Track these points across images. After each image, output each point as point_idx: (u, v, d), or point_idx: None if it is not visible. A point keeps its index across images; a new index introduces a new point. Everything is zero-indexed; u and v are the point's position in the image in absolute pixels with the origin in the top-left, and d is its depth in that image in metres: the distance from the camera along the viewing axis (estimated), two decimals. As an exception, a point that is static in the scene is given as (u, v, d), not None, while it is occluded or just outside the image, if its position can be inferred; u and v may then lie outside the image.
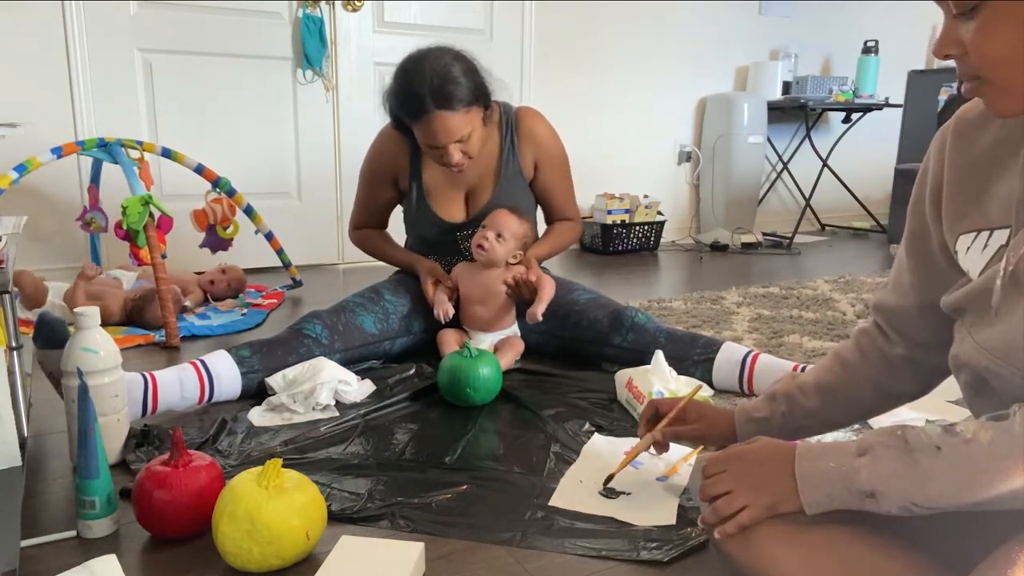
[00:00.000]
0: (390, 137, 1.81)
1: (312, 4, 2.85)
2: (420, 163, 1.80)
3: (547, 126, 1.86)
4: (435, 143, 1.65)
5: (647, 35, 3.68)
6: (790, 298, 2.53)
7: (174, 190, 2.68)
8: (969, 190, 0.80)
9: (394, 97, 1.67)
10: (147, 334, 2.00)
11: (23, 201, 2.48)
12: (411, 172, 1.81)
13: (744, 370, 1.59)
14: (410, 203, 1.84)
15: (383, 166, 1.84)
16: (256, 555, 0.91)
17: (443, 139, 1.64)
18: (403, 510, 1.09)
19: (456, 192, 1.82)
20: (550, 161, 1.86)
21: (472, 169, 1.79)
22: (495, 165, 1.81)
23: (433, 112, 1.60)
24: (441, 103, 1.60)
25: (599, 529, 1.06)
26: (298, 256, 2.81)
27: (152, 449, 1.25)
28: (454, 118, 1.62)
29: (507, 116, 1.82)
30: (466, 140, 1.66)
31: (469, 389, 1.48)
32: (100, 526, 1.02)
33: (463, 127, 1.64)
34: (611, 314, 1.74)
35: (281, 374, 1.50)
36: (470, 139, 1.67)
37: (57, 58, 2.51)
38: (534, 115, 1.85)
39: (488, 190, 1.81)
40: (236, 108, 2.82)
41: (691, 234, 3.97)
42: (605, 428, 1.41)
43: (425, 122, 1.62)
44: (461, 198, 1.83)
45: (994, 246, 0.76)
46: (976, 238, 0.78)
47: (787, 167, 4.04)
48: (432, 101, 1.59)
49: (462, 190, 1.82)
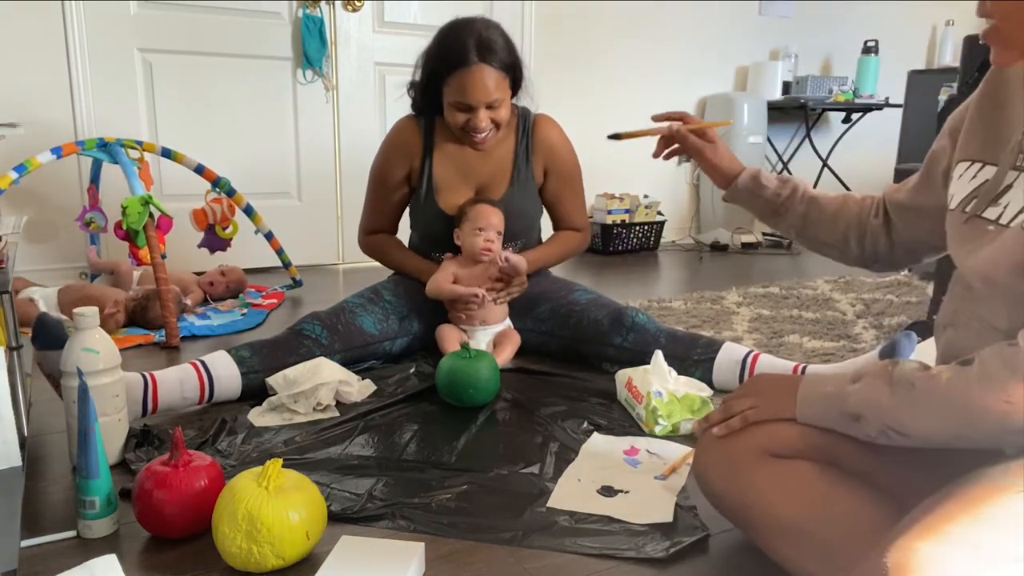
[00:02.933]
0: (405, 128, 1.83)
1: (312, 4, 2.85)
2: (432, 157, 1.81)
3: (562, 135, 1.88)
4: (470, 99, 1.67)
5: (647, 35, 3.68)
6: (790, 298, 2.53)
7: (174, 190, 2.68)
8: (984, 122, 0.88)
9: (436, 48, 1.72)
10: (147, 334, 2.00)
11: (23, 201, 2.48)
12: (423, 164, 1.82)
13: (744, 370, 1.59)
14: (419, 196, 1.84)
15: (399, 158, 1.84)
16: (256, 555, 0.91)
17: (480, 95, 1.66)
18: (403, 510, 1.09)
19: (466, 188, 1.83)
20: (560, 171, 1.88)
21: (484, 166, 1.81)
22: (508, 167, 1.83)
23: (475, 63, 1.64)
24: (484, 56, 1.65)
25: (598, 528, 1.06)
26: (298, 256, 2.81)
27: (152, 449, 1.25)
28: (492, 75, 1.66)
29: (525, 121, 1.84)
30: (496, 108, 1.70)
31: (469, 390, 1.48)
32: (100, 526, 1.02)
33: (496, 91, 1.68)
34: (612, 314, 1.74)
35: (282, 374, 1.50)
36: (499, 110, 1.71)
37: (57, 58, 2.51)
38: (550, 123, 1.88)
39: (499, 189, 1.82)
40: (236, 108, 2.82)
41: (691, 234, 3.97)
42: (604, 427, 1.42)
43: (466, 73, 1.65)
44: (471, 194, 1.83)
45: (980, 179, 0.85)
46: (969, 167, 0.87)
47: (787, 167, 4.04)
48: (476, 52, 1.64)
49: (472, 186, 1.83)
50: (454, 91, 1.69)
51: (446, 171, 1.82)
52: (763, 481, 0.93)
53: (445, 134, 1.81)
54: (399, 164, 1.84)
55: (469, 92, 1.66)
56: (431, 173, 1.82)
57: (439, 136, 1.82)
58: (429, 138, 1.81)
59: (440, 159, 1.81)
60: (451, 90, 1.69)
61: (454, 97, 1.69)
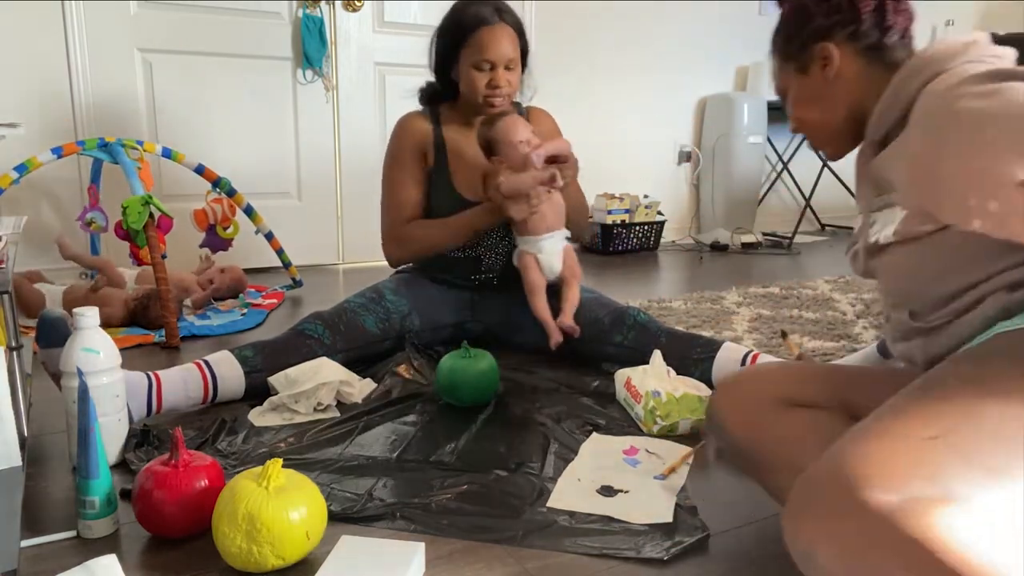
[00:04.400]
0: (413, 119, 1.86)
1: (312, 4, 2.85)
2: (443, 145, 1.83)
3: (554, 124, 1.94)
4: (492, 55, 1.72)
5: (647, 35, 3.68)
6: (790, 298, 2.53)
7: (174, 190, 2.68)
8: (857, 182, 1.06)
9: (452, 18, 1.77)
10: (147, 334, 2.00)
11: (23, 201, 2.48)
12: (436, 150, 1.83)
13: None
14: (434, 181, 1.84)
15: (414, 146, 1.84)
16: (256, 555, 0.91)
17: (503, 50, 1.72)
18: (403, 510, 1.09)
19: (476, 172, 1.84)
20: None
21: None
22: None
23: (497, 22, 1.73)
24: (503, 17, 1.74)
25: (598, 528, 1.06)
26: (298, 256, 2.81)
27: (152, 449, 1.25)
28: (511, 35, 1.74)
29: (519, 112, 1.86)
30: (512, 70, 1.76)
31: (469, 390, 1.48)
32: (100, 526, 1.02)
33: (514, 51, 1.75)
34: (613, 312, 1.74)
35: (283, 374, 1.50)
36: (513, 73, 1.77)
37: (57, 58, 2.51)
38: (543, 113, 1.94)
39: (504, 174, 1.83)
40: (236, 108, 2.82)
41: (691, 234, 3.97)
42: (603, 427, 1.42)
43: (487, 31, 1.71)
44: (479, 177, 1.84)
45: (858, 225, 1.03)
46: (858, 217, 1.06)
47: (787, 167, 4.04)
48: (496, 13, 1.74)
49: (479, 170, 1.84)
50: (475, 50, 1.73)
51: (458, 156, 1.84)
52: (782, 429, 0.99)
53: (453, 122, 1.84)
54: (416, 152, 1.84)
55: (492, 48, 1.72)
56: (445, 158, 1.83)
57: (447, 124, 1.85)
58: (438, 126, 1.85)
59: (451, 145, 1.84)
60: (471, 51, 1.73)
61: (476, 57, 1.73)
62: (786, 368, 1.09)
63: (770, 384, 1.05)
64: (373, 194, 2.03)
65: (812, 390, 1.03)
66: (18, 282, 2.08)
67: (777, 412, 1.02)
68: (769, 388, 1.04)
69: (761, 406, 1.03)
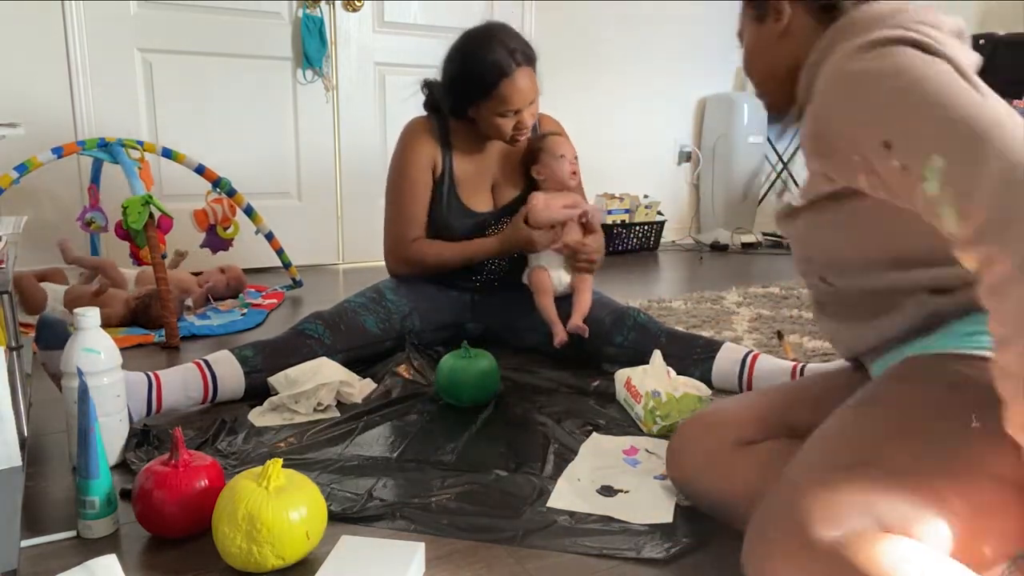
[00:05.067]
0: (422, 126, 1.82)
1: (312, 4, 2.85)
2: (452, 154, 1.82)
3: (561, 130, 1.92)
4: (517, 104, 1.68)
5: (647, 35, 3.68)
6: (790, 298, 2.53)
7: (174, 190, 2.68)
8: None
9: (464, 71, 1.70)
10: (147, 334, 2.00)
11: (23, 201, 2.48)
12: (444, 162, 1.82)
13: (744, 370, 1.59)
14: (441, 194, 1.82)
15: (424, 156, 1.80)
16: (256, 555, 0.91)
17: (528, 96, 1.69)
18: (403, 510, 1.09)
19: (483, 184, 1.84)
20: None
21: (498, 163, 1.84)
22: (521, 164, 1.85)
23: (515, 69, 1.66)
24: (518, 59, 1.67)
25: (598, 528, 1.06)
26: (298, 256, 2.81)
27: (152, 449, 1.25)
28: (529, 74, 1.69)
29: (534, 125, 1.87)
30: (534, 101, 1.73)
31: (469, 389, 1.48)
32: (100, 526, 1.02)
33: (535, 86, 1.71)
34: (613, 313, 1.74)
35: (283, 374, 1.50)
36: (535, 103, 1.74)
37: (57, 58, 2.51)
38: (554, 123, 1.92)
39: (515, 185, 1.85)
40: (236, 108, 2.82)
41: (691, 234, 3.97)
42: (603, 427, 1.42)
43: (509, 83, 1.66)
44: (488, 189, 1.85)
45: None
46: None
47: (787, 167, 4.04)
48: (512, 58, 1.66)
49: (488, 182, 1.85)
50: (499, 103, 1.68)
51: (466, 168, 1.82)
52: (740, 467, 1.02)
53: (461, 132, 1.82)
54: (426, 161, 1.81)
55: (517, 98, 1.67)
56: (452, 170, 1.82)
57: (455, 134, 1.82)
58: (446, 136, 1.81)
59: (459, 156, 1.82)
60: (495, 103, 1.68)
61: (500, 108, 1.69)
62: (729, 410, 1.12)
63: (721, 429, 1.08)
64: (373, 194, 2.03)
65: (753, 429, 1.06)
66: (23, 278, 2.08)
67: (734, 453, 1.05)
68: (722, 434, 1.07)
69: (712, 457, 1.06)
